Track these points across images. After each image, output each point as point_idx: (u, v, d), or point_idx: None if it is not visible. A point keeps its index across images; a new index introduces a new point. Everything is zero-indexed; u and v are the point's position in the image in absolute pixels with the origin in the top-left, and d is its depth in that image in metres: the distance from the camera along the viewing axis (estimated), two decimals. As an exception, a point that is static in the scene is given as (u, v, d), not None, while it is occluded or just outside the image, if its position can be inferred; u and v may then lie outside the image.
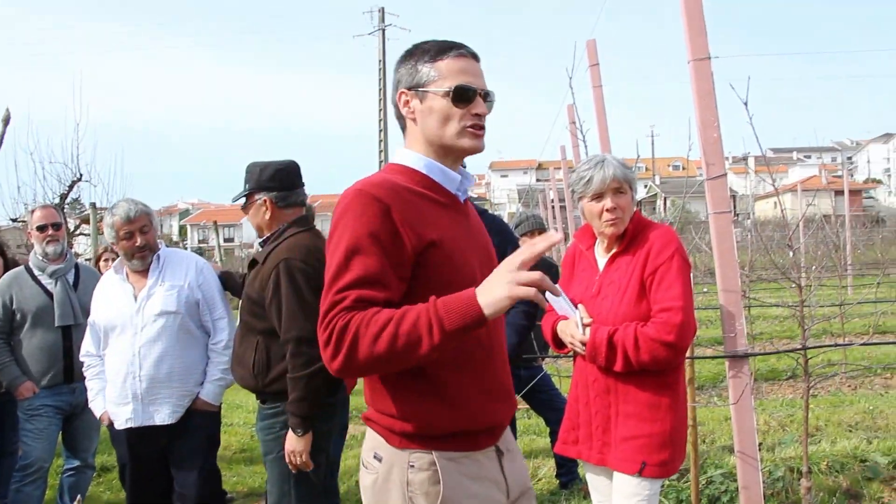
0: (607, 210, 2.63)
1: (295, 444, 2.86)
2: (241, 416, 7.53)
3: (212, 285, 3.57)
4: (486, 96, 1.86)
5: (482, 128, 1.85)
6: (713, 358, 6.20)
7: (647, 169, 71.66)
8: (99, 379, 3.54)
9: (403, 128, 1.92)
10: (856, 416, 6.09)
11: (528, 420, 6.14)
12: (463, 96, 1.80)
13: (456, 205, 1.90)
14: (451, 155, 1.88)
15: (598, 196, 2.65)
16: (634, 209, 2.73)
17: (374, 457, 1.84)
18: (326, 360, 1.65)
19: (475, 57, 1.88)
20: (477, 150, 1.85)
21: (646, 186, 67.54)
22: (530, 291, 1.48)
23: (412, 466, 1.77)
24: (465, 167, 2.09)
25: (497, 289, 1.52)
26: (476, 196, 78.49)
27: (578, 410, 2.71)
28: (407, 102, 1.86)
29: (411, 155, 1.88)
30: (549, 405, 4.75)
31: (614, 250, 2.71)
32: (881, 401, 6.67)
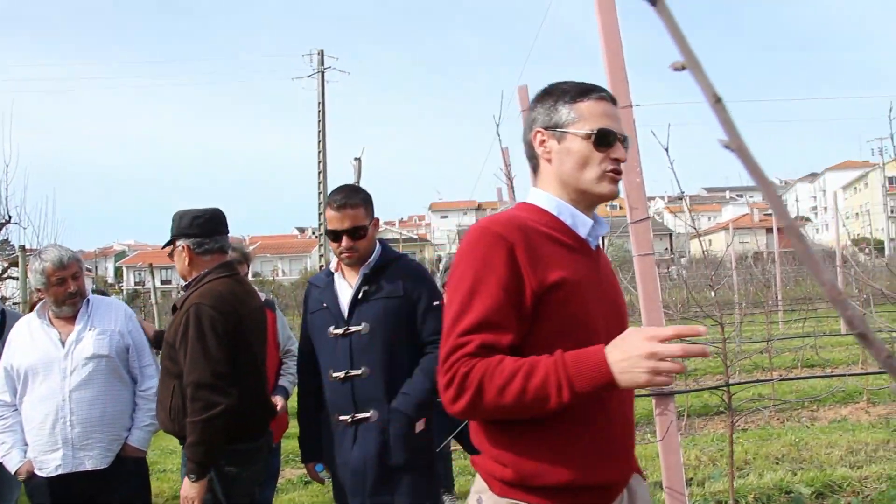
0: None
1: (188, 490, 2.85)
2: (175, 461, 7.35)
3: (140, 332, 3.57)
4: (624, 141, 1.83)
5: (620, 173, 1.81)
6: (639, 396, 6.31)
7: (585, 208, 72.84)
8: (12, 432, 3.41)
9: (535, 168, 1.89)
10: (782, 449, 6.25)
11: (465, 461, 6.15)
12: (604, 140, 1.77)
13: (585, 250, 1.83)
14: (586, 200, 1.83)
15: None
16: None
17: (477, 501, 1.79)
18: (447, 402, 1.62)
19: (613, 101, 1.85)
20: (613, 196, 1.82)
21: (585, 225, 68.38)
22: (669, 381, 1.45)
23: None
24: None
25: (638, 375, 1.48)
26: (416, 237, 78.28)
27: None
28: (543, 142, 1.83)
29: (543, 195, 1.84)
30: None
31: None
32: (806, 433, 6.87)
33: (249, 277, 4.75)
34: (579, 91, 1.82)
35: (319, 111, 28.14)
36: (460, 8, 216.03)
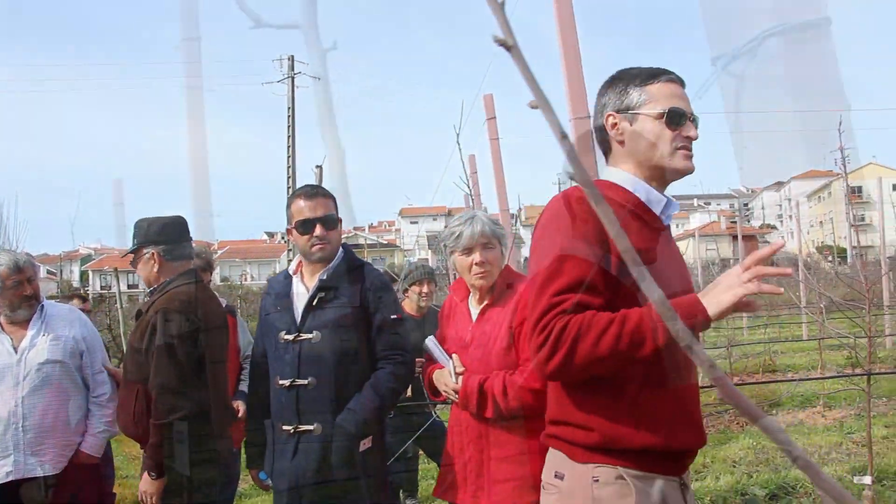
0: (476, 264, 2.74)
1: (147, 486, 2.94)
2: (138, 468, 7.31)
3: (95, 339, 3.56)
4: (694, 120, 1.88)
5: (691, 150, 1.86)
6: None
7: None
8: None
9: (607, 151, 1.95)
10: (740, 452, 6.40)
11: (429, 465, 6.19)
12: (675, 119, 1.83)
13: (659, 226, 1.89)
14: (661, 176, 1.88)
15: (468, 250, 2.77)
16: (504, 263, 2.87)
17: (556, 475, 1.81)
18: (540, 362, 1.64)
19: (682, 83, 1.91)
20: (689, 170, 1.87)
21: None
22: (752, 286, 1.52)
23: (596, 481, 1.74)
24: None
25: (724, 294, 1.56)
26: (386, 242, 77.90)
27: (454, 456, 2.79)
28: (615, 125, 1.88)
29: (618, 173, 1.90)
30: (440, 450, 4.82)
31: (486, 302, 2.81)
32: (763, 437, 7.01)
33: (217, 282, 4.77)
34: (649, 74, 1.89)
35: (289, 116, 27.99)
36: (423, 9, 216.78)
